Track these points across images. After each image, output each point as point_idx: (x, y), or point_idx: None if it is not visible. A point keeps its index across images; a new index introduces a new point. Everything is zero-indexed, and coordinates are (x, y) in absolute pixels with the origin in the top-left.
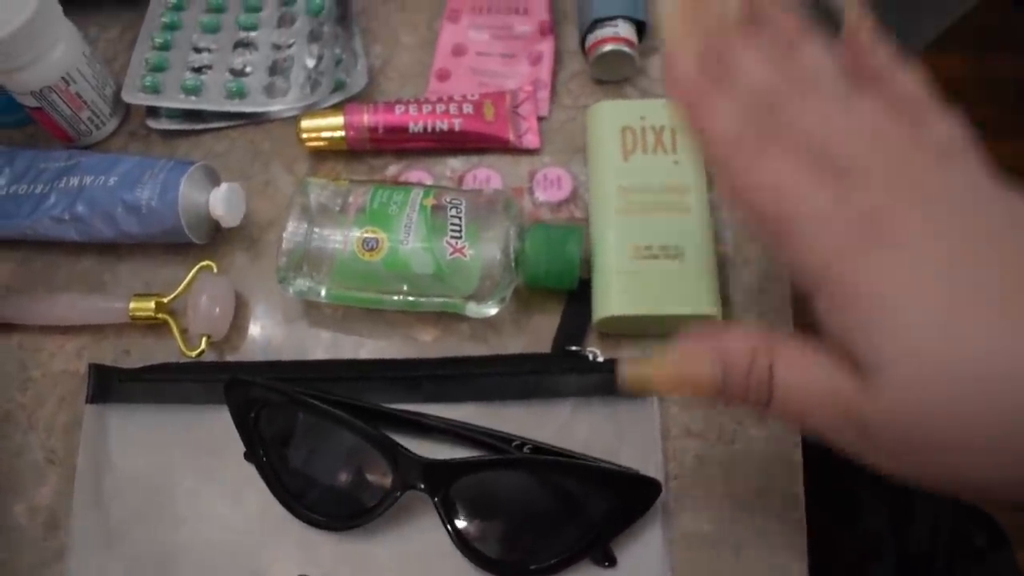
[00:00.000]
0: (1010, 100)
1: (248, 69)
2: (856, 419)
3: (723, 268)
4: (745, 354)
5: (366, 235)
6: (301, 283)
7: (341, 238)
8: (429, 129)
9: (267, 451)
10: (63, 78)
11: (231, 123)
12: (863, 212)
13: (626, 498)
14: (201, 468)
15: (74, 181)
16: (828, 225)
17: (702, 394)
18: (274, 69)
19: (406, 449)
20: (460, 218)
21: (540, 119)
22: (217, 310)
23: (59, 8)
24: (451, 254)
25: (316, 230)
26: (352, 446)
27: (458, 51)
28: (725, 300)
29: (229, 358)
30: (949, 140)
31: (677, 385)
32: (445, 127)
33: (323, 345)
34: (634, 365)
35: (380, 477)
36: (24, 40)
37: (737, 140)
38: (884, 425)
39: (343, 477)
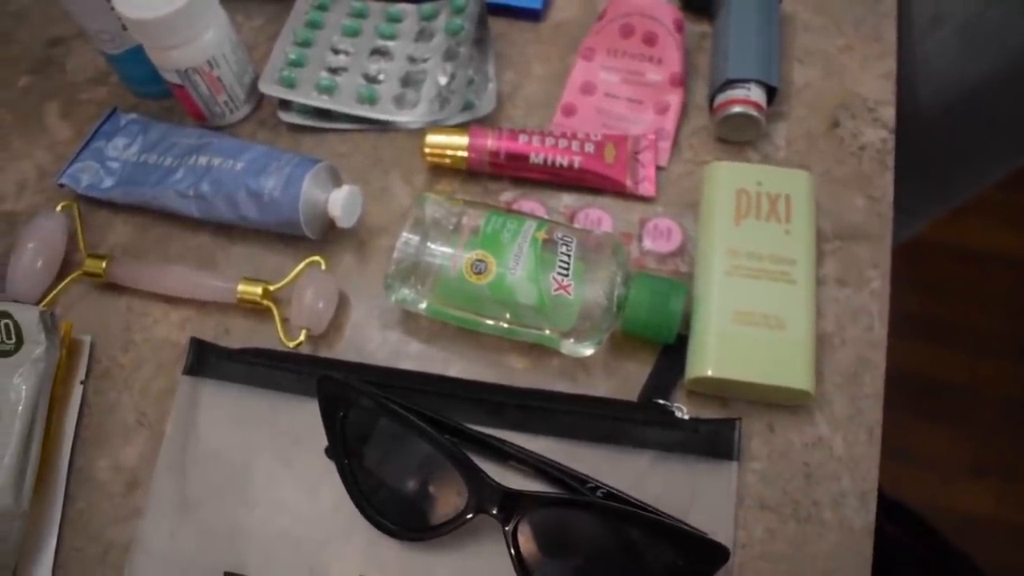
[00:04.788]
0: None
1: (381, 77)
2: None
3: (820, 345)
4: None
5: (476, 258)
6: (405, 293)
7: (451, 256)
8: (549, 162)
9: (348, 451)
10: (208, 61)
11: (357, 127)
12: None
13: (693, 559)
14: (281, 455)
15: (203, 160)
16: None
17: None
18: (406, 81)
19: (486, 474)
20: (569, 256)
21: (658, 168)
22: (321, 305)
23: None
24: (556, 290)
25: (428, 244)
26: (433, 461)
27: (587, 89)
28: (819, 378)
29: (323, 354)
30: None
31: None
32: (565, 163)
33: (414, 357)
34: None
35: (456, 496)
36: (181, 21)
37: None
38: None
39: (419, 489)
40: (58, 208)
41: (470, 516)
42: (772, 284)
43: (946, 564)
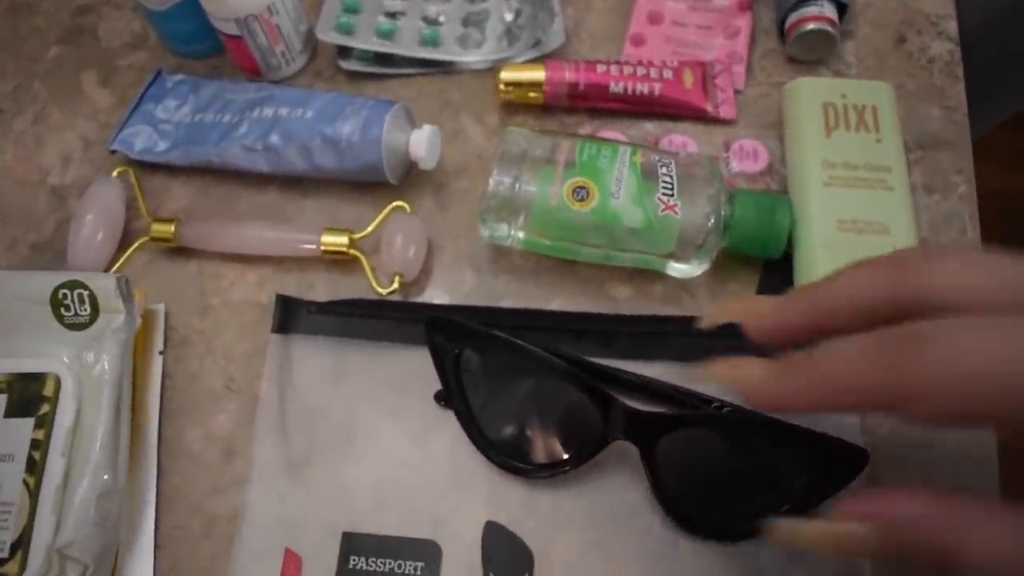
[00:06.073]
0: None
1: (442, 19)
2: None
3: None
4: (916, 527)
5: (577, 185)
6: (500, 227)
7: (549, 187)
8: (629, 91)
9: (464, 393)
10: (268, 7)
11: (420, 70)
12: None
13: (831, 467)
14: (385, 406)
15: (268, 112)
16: None
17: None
18: (467, 21)
19: (617, 398)
20: (672, 176)
21: (735, 92)
22: (412, 250)
23: None
24: (663, 210)
25: (522, 176)
26: (559, 393)
27: (654, 19)
28: None
29: (415, 299)
30: None
31: (829, 549)
32: (645, 90)
33: (511, 294)
34: (786, 528)
35: (586, 425)
36: None
37: None
38: None
39: (546, 424)
40: (114, 174)
41: (605, 443)
42: (870, 192)
43: None
